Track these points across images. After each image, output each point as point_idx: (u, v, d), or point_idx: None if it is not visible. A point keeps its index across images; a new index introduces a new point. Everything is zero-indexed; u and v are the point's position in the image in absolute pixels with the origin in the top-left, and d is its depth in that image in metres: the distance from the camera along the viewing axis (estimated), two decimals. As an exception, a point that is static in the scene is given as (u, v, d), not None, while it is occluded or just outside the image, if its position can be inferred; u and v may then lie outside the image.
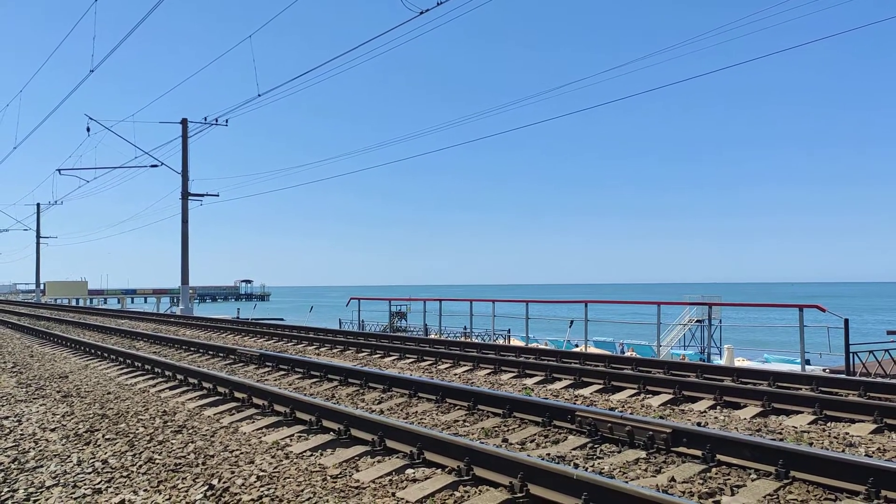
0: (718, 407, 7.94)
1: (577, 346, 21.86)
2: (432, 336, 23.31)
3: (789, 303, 14.75)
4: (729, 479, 4.89)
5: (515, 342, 23.67)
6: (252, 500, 4.71)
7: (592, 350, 18.84)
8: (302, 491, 4.83)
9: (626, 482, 4.72)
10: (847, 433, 6.53)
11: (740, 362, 19.96)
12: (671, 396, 8.46)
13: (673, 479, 4.87)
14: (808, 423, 7.01)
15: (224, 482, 5.11)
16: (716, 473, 5.04)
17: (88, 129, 32.46)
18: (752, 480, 4.84)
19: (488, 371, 11.29)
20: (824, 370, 15.16)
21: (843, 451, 5.85)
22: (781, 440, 6.13)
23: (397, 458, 5.56)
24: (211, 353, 14.41)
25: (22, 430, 7.45)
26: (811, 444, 6.10)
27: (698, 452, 5.34)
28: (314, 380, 10.33)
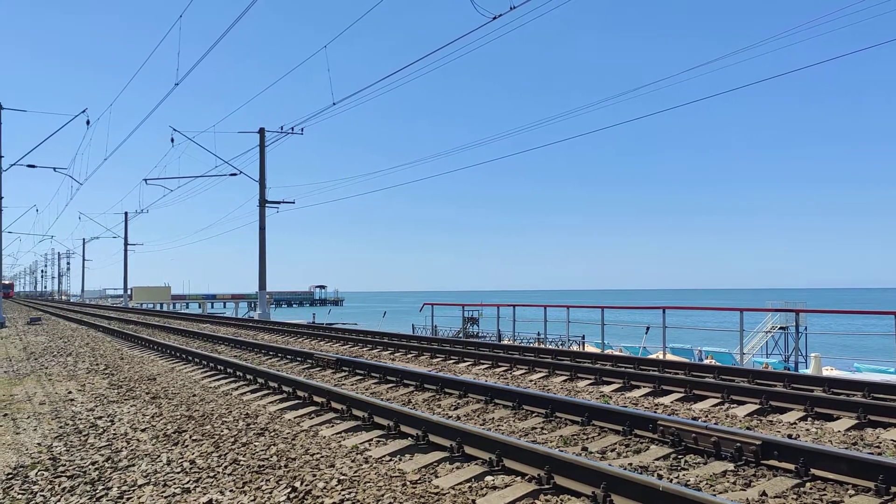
0: (809, 419, 7.61)
1: (658, 353, 21.40)
2: (506, 342, 23.20)
3: (882, 310, 14.03)
4: (825, 495, 4.66)
5: (590, 348, 23.32)
6: (334, 503, 4.76)
7: (670, 357, 18.40)
8: (382, 496, 4.85)
9: (715, 495, 4.57)
10: (952, 448, 6.14)
11: (828, 372, 19.11)
12: (757, 407, 8.16)
13: (764, 494, 4.67)
14: (909, 437, 6.63)
15: (306, 485, 5.19)
16: (810, 488, 4.82)
17: (172, 140, 33.64)
18: (850, 497, 4.61)
19: (564, 378, 11.14)
20: (921, 381, 14.35)
21: (948, 467, 5.50)
22: (880, 454, 5.82)
23: (476, 464, 5.54)
24: (289, 357, 14.73)
25: (115, 430, 7.76)
26: (913, 459, 5.76)
27: (790, 466, 5.12)
28: (390, 385, 10.41)
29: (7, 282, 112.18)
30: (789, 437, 6.47)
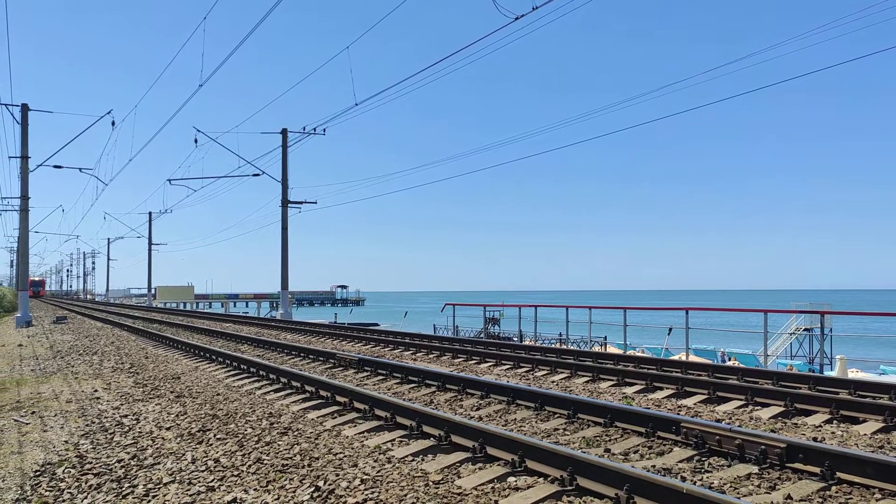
0: (835, 421, 7.52)
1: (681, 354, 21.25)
2: (527, 343, 23.16)
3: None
4: (851, 499, 4.62)
5: (612, 349, 23.21)
6: (357, 502, 4.79)
7: (693, 359, 18.26)
8: (405, 496, 4.88)
9: (739, 498, 4.55)
10: (982, 453, 6.05)
11: (854, 374, 18.86)
12: (782, 409, 8.08)
13: (789, 497, 4.63)
14: (937, 441, 6.53)
15: (329, 484, 5.23)
16: (836, 492, 4.77)
17: (196, 141, 33.89)
18: (877, 500, 4.56)
19: (586, 379, 11.11)
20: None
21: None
22: (908, 459, 5.74)
23: (498, 465, 5.54)
24: (311, 356, 14.82)
25: (140, 428, 7.86)
26: (942, 463, 5.68)
27: (816, 469, 5.07)
28: (412, 385, 10.45)
29: (38, 278, 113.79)
30: (814, 439, 6.41)
